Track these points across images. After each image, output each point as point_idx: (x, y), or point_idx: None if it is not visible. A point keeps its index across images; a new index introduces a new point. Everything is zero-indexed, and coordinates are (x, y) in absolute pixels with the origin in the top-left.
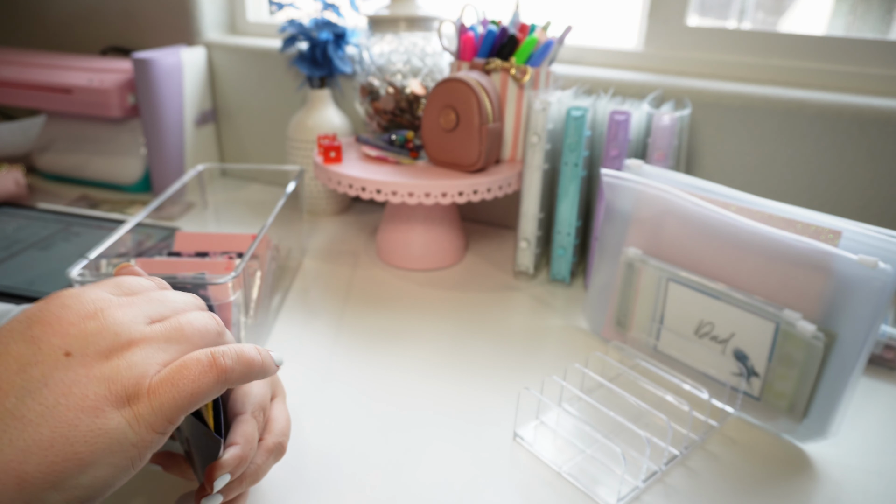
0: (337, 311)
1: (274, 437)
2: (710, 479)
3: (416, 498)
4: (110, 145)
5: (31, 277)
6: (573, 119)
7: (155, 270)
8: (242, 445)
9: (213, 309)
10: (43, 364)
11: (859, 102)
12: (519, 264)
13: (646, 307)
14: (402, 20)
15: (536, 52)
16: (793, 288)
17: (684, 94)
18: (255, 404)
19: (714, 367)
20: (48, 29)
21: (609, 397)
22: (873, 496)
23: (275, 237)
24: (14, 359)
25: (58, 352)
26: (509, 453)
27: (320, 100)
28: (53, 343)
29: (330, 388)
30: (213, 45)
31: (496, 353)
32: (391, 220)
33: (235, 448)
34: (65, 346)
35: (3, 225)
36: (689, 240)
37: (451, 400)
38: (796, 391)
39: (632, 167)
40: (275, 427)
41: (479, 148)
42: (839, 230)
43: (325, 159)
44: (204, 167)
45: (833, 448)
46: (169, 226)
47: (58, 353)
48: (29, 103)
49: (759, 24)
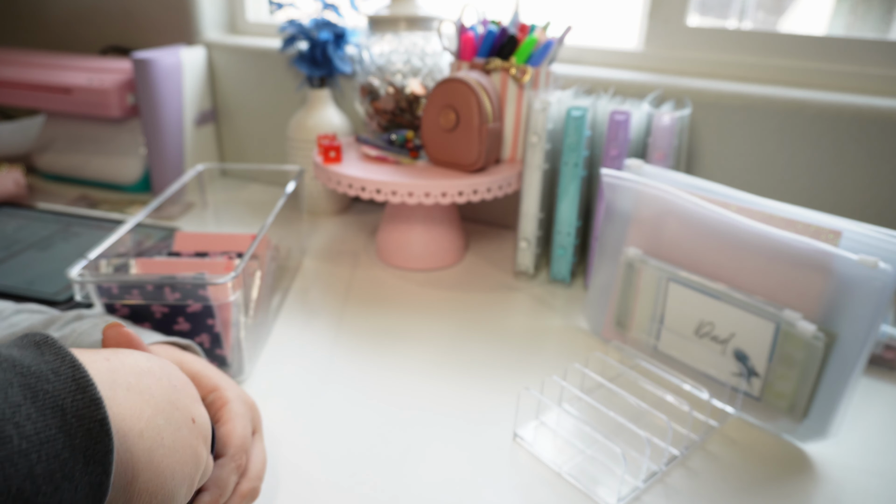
0: (337, 311)
1: (249, 481)
2: (710, 479)
3: (416, 498)
4: (110, 145)
5: (30, 277)
6: (573, 119)
7: (155, 270)
8: (212, 491)
9: (212, 309)
10: (181, 413)
11: (859, 102)
12: (519, 264)
13: (646, 307)
14: (402, 20)
15: (536, 52)
16: (793, 288)
17: (684, 94)
18: (237, 447)
19: (714, 368)
20: (48, 29)
21: (609, 397)
22: (873, 496)
23: (275, 237)
24: (167, 388)
25: (188, 414)
26: (509, 453)
27: (320, 100)
28: (187, 405)
29: (330, 388)
30: (212, 45)
31: (496, 353)
32: (391, 220)
33: (205, 494)
34: (192, 415)
35: (3, 225)
36: (689, 240)
37: (450, 400)
38: (796, 391)
39: (632, 167)
40: (251, 471)
41: (479, 148)
42: (839, 230)
43: (324, 159)
44: (204, 167)
45: (833, 448)
46: (169, 226)
47: (188, 414)
48: (29, 103)
49: (760, 23)
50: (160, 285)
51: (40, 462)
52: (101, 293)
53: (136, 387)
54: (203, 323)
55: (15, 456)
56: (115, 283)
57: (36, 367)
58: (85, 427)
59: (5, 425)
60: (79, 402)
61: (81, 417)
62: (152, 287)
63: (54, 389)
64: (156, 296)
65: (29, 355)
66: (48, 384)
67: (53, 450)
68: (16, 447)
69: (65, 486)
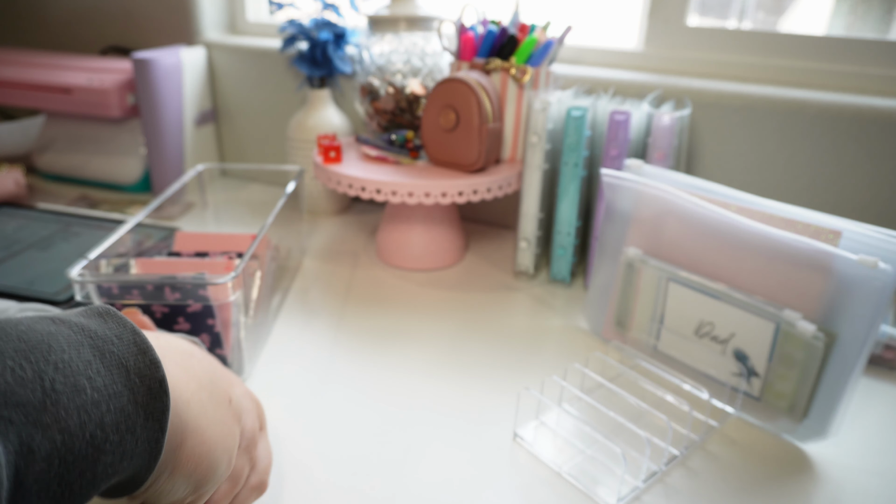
0: (337, 311)
1: (257, 475)
2: (710, 479)
3: (417, 498)
4: (110, 145)
5: (30, 277)
6: (573, 119)
7: (155, 270)
8: (226, 482)
9: (212, 309)
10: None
11: (859, 102)
12: (519, 264)
13: (646, 307)
14: (402, 20)
15: (536, 52)
16: (793, 288)
17: (684, 94)
18: (248, 439)
19: (714, 367)
20: (48, 29)
21: (609, 397)
22: (873, 496)
23: (275, 237)
24: (208, 370)
25: (226, 394)
26: (509, 453)
27: (320, 100)
28: (225, 386)
29: (330, 388)
30: (212, 45)
31: (496, 353)
32: (391, 220)
33: (223, 484)
34: (229, 395)
35: (3, 225)
36: (689, 240)
37: (451, 400)
38: (796, 391)
39: (632, 167)
40: (259, 465)
41: (479, 148)
42: (839, 230)
43: (324, 159)
44: (204, 167)
45: (833, 448)
46: (169, 226)
47: (226, 394)
48: (29, 103)
49: (760, 24)
50: (160, 285)
51: (109, 413)
52: (101, 293)
53: (182, 364)
54: (203, 323)
55: (89, 405)
56: (115, 283)
57: (101, 332)
58: (146, 385)
59: (79, 378)
60: (140, 363)
61: (143, 376)
62: (152, 287)
63: (118, 350)
64: (156, 296)
65: (94, 322)
66: (113, 346)
67: (120, 403)
68: (89, 397)
69: (128, 439)
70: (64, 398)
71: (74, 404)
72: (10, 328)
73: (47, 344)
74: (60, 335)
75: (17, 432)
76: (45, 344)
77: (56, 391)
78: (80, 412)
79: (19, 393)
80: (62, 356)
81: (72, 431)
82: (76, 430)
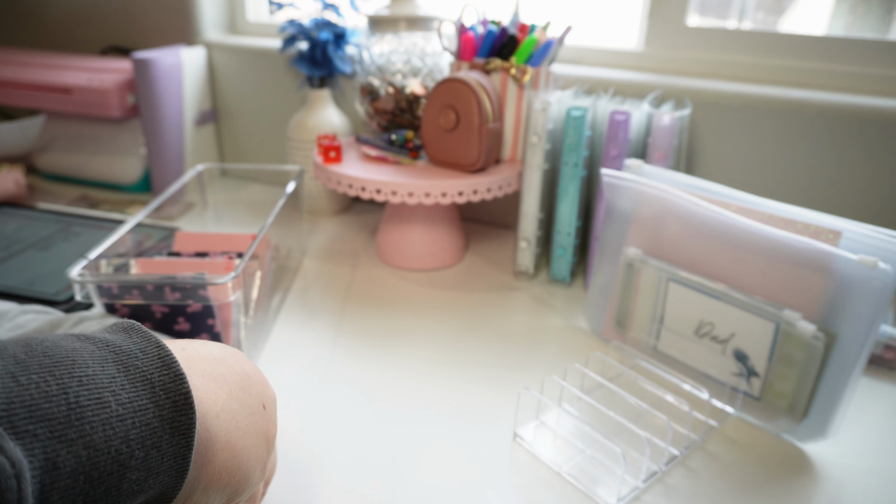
0: (337, 311)
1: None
2: (710, 479)
3: (416, 498)
4: (110, 145)
5: (31, 277)
6: (573, 119)
7: (155, 270)
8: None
9: (212, 309)
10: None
11: (859, 102)
12: (519, 264)
13: (646, 307)
14: (402, 20)
15: (536, 52)
16: (793, 288)
17: (684, 94)
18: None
19: (714, 367)
20: (48, 29)
21: (609, 397)
22: (873, 496)
23: (275, 237)
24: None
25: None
26: (509, 453)
27: (320, 100)
28: (259, 391)
29: (330, 388)
30: (212, 45)
31: (496, 353)
32: (391, 220)
33: None
34: (262, 401)
35: (3, 225)
36: (689, 240)
37: (451, 400)
38: (796, 391)
39: (632, 167)
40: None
41: (479, 148)
42: (839, 230)
43: (324, 159)
44: (204, 167)
45: (833, 448)
46: (169, 226)
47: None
48: (29, 103)
49: (759, 24)
50: (160, 285)
51: (134, 428)
52: (102, 293)
53: (211, 374)
54: (203, 323)
55: (114, 419)
56: (115, 283)
57: (126, 346)
58: (171, 399)
59: (103, 392)
60: (165, 377)
61: (168, 391)
62: (152, 287)
63: (143, 365)
64: (156, 296)
65: (119, 338)
66: (137, 360)
67: (145, 418)
68: (114, 412)
69: (153, 455)
70: (89, 412)
71: (99, 419)
72: (36, 344)
73: (72, 359)
74: (85, 351)
75: (43, 447)
76: (70, 359)
77: (81, 406)
78: (105, 427)
79: (44, 407)
80: (87, 371)
81: (97, 447)
82: (101, 446)
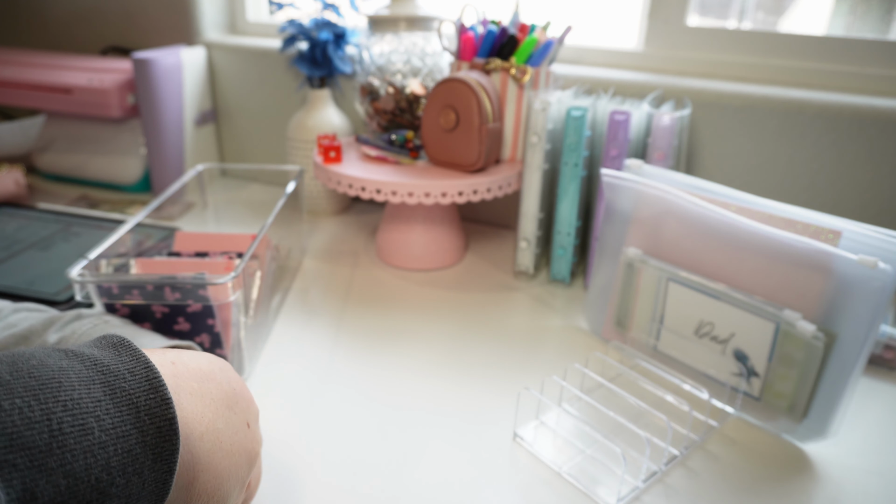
0: (337, 311)
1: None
2: (710, 479)
3: (416, 498)
4: (110, 145)
5: (31, 277)
6: (573, 119)
7: (155, 270)
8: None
9: (212, 309)
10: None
11: (859, 102)
12: (519, 264)
13: (646, 307)
14: (402, 20)
15: (536, 52)
16: (793, 288)
17: (684, 94)
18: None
19: (714, 367)
20: (48, 29)
21: (609, 397)
22: (873, 496)
23: (275, 237)
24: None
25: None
26: (509, 453)
27: (320, 100)
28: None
29: (330, 388)
30: (213, 45)
31: (496, 353)
32: (391, 220)
33: None
34: (247, 418)
35: (3, 225)
36: (689, 240)
37: (450, 400)
38: (796, 391)
39: (632, 167)
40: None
41: (479, 148)
42: (839, 230)
43: (324, 159)
44: (204, 167)
45: (833, 448)
46: (169, 226)
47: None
48: (29, 103)
49: (759, 24)
50: (160, 285)
51: (116, 455)
52: (102, 293)
53: (198, 391)
54: (203, 323)
55: (95, 447)
56: (115, 283)
57: (114, 366)
58: (156, 425)
59: (87, 418)
60: (151, 401)
61: (153, 416)
62: (152, 287)
63: (130, 388)
64: (156, 296)
65: (108, 355)
66: (125, 382)
67: (128, 444)
68: (96, 439)
69: (134, 481)
70: (71, 440)
71: (81, 447)
72: (23, 363)
73: (58, 381)
74: (72, 371)
75: (21, 478)
76: (56, 381)
77: (63, 433)
78: (87, 455)
79: (26, 435)
80: (72, 395)
81: (77, 475)
82: (81, 474)
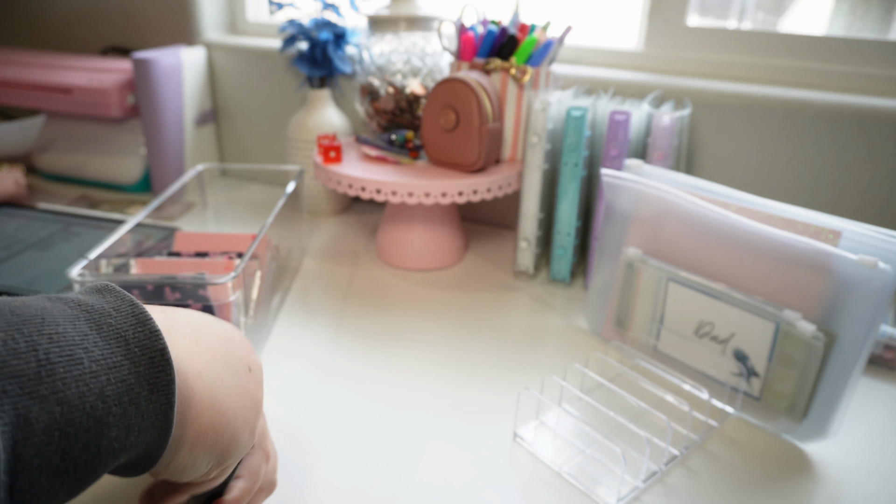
0: (337, 311)
1: (270, 472)
2: (710, 479)
3: (416, 498)
4: (110, 145)
5: (31, 277)
6: (573, 119)
7: (155, 270)
8: (246, 478)
9: (213, 309)
10: (238, 360)
11: (859, 102)
12: (519, 264)
13: (646, 307)
14: (402, 20)
15: (536, 52)
16: (793, 288)
17: (684, 94)
18: (260, 434)
19: (714, 367)
20: (48, 29)
21: (609, 397)
22: (873, 496)
23: (275, 237)
24: (224, 338)
25: (244, 362)
26: (509, 453)
27: (320, 100)
28: (243, 354)
29: (329, 388)
30: (212, 45)
31: (496, 353)
32: (391, 220)
33: (240, 481)
34: (248, 363)
35: (3, 225)
36: (689, 240)
37: (450, 400)
38: (796, 391)
39: (632, 167)
40: (271, 460)
41: (478, 148)
42: (839, 230)
43: (324, 159)
44: (204, 167)
45: (833, 448)
46: (169, 226)
47: (244, 363)
48: (29, 103)
49: (759, 24)
50: (160, 285)
51: (110, 384)
52: None
53: (192, 335)
54: None
55: (87, 376)
56: (115, 283)
57: (98, 305)
58: (147, 356)
59: (75, 349)
60: (140, 334)
61: (143, 347)
62: (152, 287)
63: (116, 322)
64: (156, 296)
65: (91, 298)
66: (110, 318)
67: (120, 374)
68: (87, 368)
69: (132, 412)
70: (60, 369)
71: (72, 375)
72: (3, 304)
73: (41, 318)
74: (55, 310)
75: (13, 403)
76: (39, 318)
77: (51, 362)
78: (79, 383)
79: (12, 364)
80: (56, 329)
81: (71, 403)
82: (75, 402)
